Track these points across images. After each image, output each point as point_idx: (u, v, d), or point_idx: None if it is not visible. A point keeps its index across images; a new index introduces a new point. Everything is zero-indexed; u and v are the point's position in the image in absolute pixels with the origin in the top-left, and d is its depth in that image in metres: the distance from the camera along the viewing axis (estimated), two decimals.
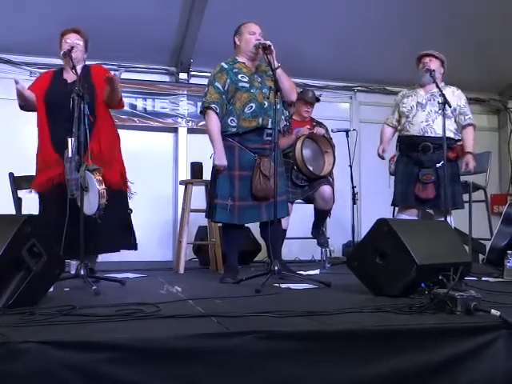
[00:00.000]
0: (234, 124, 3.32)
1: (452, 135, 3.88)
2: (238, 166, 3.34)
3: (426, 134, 3.82)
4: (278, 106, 3.13)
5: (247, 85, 3.34)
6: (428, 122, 3.83)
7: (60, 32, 3.35)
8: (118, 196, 3.25)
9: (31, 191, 3.34)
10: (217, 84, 3.34)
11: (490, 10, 5.36)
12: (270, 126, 3.31)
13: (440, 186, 3.72)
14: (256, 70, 3.45)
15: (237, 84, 3.32)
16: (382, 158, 4.12)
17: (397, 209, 4.12)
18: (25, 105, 3.29)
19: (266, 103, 3.32)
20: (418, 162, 3.85)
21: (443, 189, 3.67)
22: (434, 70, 3.80)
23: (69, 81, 3.26)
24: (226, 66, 3.39)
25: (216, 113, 3.31)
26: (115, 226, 3.26)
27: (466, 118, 4.02)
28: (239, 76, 3.35)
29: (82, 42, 3.32)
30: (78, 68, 3.17)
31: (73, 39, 3.29)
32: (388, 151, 4.14)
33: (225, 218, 3.35)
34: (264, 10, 4.87)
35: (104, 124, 3.31)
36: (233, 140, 3.35)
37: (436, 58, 3.96)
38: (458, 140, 3.94)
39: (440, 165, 3.71)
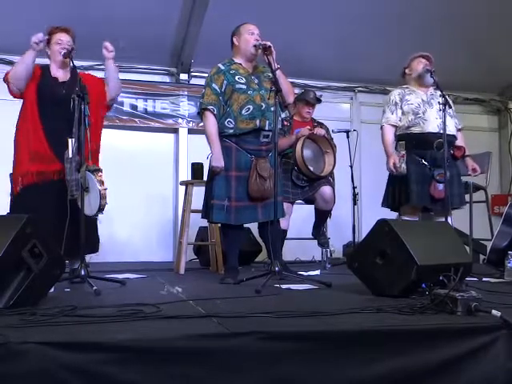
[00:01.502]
0: (231, 125, 3.33)
1: (456, 134, 3.88)
2: (234, 167, 3.34)
3: (442, 131, 3.68)
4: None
5: (244, 86, 3.34)
6: (442, 118, 3.77)
7: (47, 29, 3.30)
8: None
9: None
10: (214, 85, 3.35)
11: (490, 10, 5.37)
12: (267, 128, 3.33)
13: (449, 185, 3.67)
14: (253, 71, 3.45)
15: (234, 85, 3.33)
16: (397, 171, 3.73)
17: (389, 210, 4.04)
18: (20, 80, 3.18)
19: (264, 105, 3.32)
20: (432, 160, 3.72)
21: (451, 188, 3.65)
22: (434, 71, 3.78)
23: (60, 79, 3.25)
24: (222, 68, 3.39)
25: (213, 114, 3.32)
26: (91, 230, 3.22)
27: (458, 121, 4.01)
28: (236, 77, 3.35)
29: (72, 42, 3.30)
30: (66, 70, 3.21)
31: (64, 39, 3.27)
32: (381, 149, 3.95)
33: (221, 219, 3.36)
34: (265, 11, 4.87)
35: (94, 129, 3.32)
36: (230, 141, 3.36)
37: (429, 59, 3.92)
38: None
39: (447, 164, 3.66)
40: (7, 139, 3.31)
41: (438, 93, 3.72)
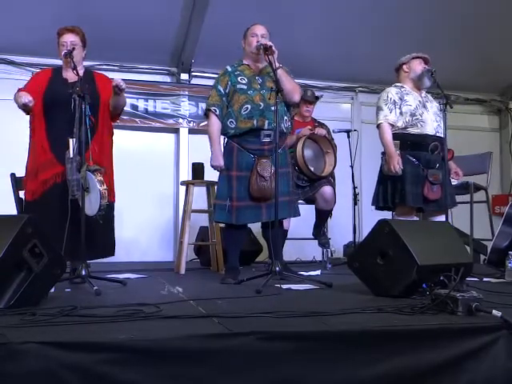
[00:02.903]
0: (233, 125, 3.37)
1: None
2: (235, 167, 3.37)
3: (438, 134, 3.73)
4: (279, 107, 3.13)
5: (245, 86, 3.37)
6: (438, 121, 3.78)
7: (56, 31, 3.32)
8: None
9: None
10: (219, 87, 3.42)
11: (489, 10, 5.36)
12: (266, 127, 3.33)
13: (442, 185, 3.68)
14: (260, 72, 3.47)
15: (235, 86, 3.38)
16: (395, 172, 3.62)
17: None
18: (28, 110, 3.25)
19: (262, 104, 3.33)
20: (425, 161, 3.72)
21: (445, 189, 3.66)
22: (435, 71, 3.76)
23: (69, 80, 3.24)
24: (229, 69, 3.45)
25: (216, 115, 3.39)
26: (99, 235, 3.20)
27: None
28: (239, 78, 3.40)
29: (78, 41, 3.28)
30: (79, 68, 3.17)
31: (68, 39, 3.25)
32: (382, 149, 3.87)
33: (223, 218, 3.39)
34: (265, 11, 4.87)
35: (105, 131, 3.33)
36: (232, 141, 3.40)
37: (428, 62, 3.90)
38: None
39: (438, 165, 3.69)
40: (9, 139, 3.31)
41: (430, 96, 3.73)
